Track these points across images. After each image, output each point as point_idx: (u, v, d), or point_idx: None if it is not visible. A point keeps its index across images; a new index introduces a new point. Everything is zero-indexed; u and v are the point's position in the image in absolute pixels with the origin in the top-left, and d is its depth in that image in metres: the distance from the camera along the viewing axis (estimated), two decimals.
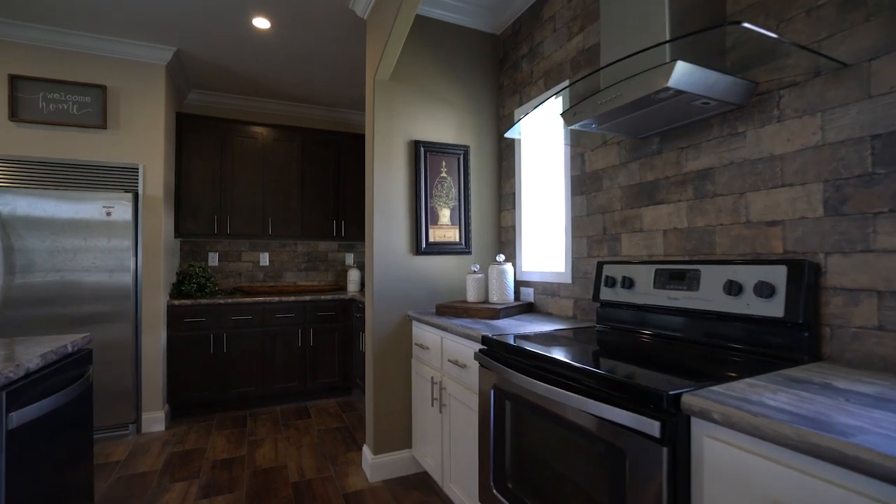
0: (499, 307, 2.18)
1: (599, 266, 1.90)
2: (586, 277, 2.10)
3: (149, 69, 3.24)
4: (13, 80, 2.97)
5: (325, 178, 4.16)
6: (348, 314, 3.94)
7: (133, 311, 3.12)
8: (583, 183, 2.13)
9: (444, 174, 2.63)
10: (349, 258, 4.59)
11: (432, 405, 2.17)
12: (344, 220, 4.22)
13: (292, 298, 3.72)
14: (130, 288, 3.08)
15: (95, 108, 3.12)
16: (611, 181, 1.96)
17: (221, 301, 3.52)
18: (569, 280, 2.20)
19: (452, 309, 2.29)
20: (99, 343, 3.00)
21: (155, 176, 3.24)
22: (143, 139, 3.22)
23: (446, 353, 2.07)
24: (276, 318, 3.68)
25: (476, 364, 1.78)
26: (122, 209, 3.06)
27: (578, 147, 2.15)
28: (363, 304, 3.53)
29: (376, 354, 2.47)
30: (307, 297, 3.77)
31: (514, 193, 2.67)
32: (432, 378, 2.16)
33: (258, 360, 3.63)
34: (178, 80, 3.63)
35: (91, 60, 3.11)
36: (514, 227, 2.67)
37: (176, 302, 3.40)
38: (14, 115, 2.97)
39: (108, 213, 3.04)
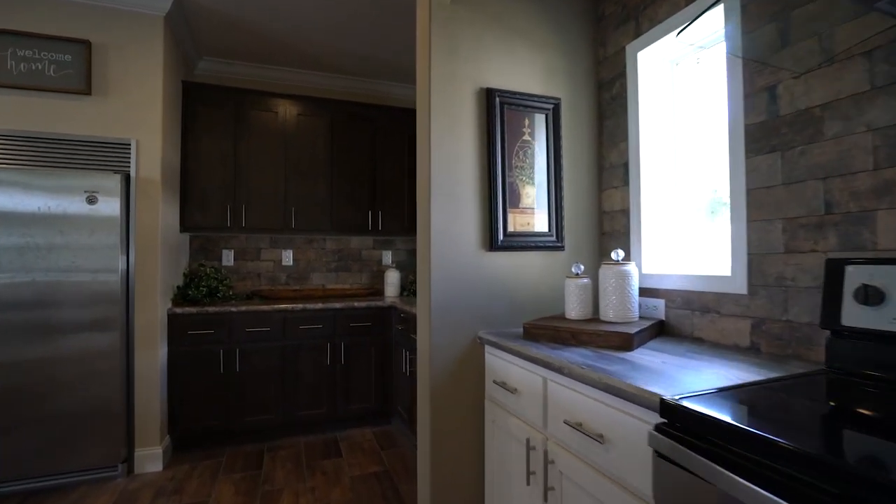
0: (629, 331, 1.40)
1: (835, 266, 1.10)
2: (783, 285, 1.29)
3: (144, 21, 2.61)
4: None
5: (358, 162, 3.47)
6: (387, 325, 3.22)
7: (123, 321, 2.49)
8: (773, 133, 1.32)
9: (526, 137, 1.86)
10: (387, 257, 3.88)
11: (527, 482, 1.40)
12: (381, 211, 3.51)
13: (319, 305, 3.03)
14: (119, 293, 2.45)
15: (77, 69, 2.50)
16: (846, 123, 1.15)
17: (233, 309, 2.86)
18: (742, 289, 1.40)
19: (552, 331, 1.52)
20: (81, 358, 2.38)
21: (151, 154, 2.61)
22: (137, 108, 2.59)
23: (556, 405, 1.30)
24: (299, 330, 3.00)
25: (644, 446, 1.00)
26: (108, 194, 2.44)
27: (767, 74, 1.34)
28: (405, 313, 2.81)
29: (434, 391, 1.73)
30: (337, 305, 3.08)
31: (625, 164, 1.88)
32: (528, 441, 1.40)
33: (278, 382, 2.96)
34: (183, 39, 3.00)
35: (71, 9, 2.49)
36: (625, 212, 1.88)
37: (178, 310, 2.76)
38: None
39: (92, 200, 2.42)
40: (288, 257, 3.59)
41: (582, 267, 1.67)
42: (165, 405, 2.72)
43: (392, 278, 3.60)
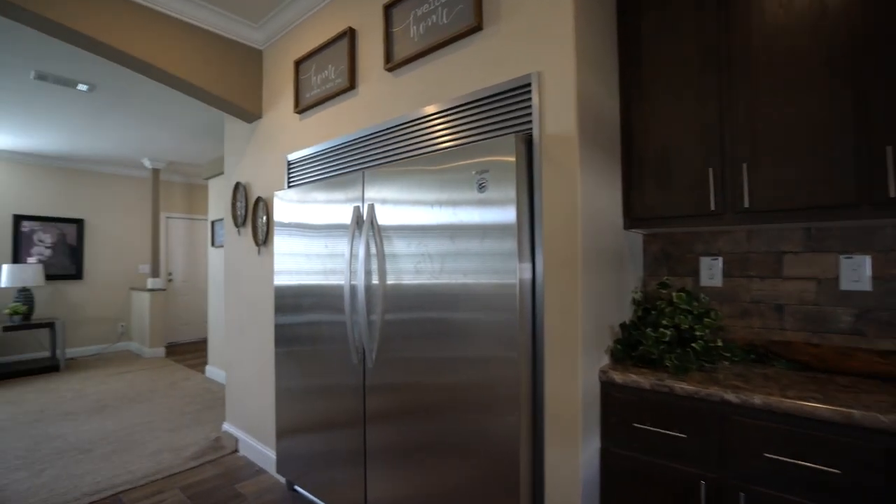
0: None
1: None
2: None
3: None
4: (388, 10, 2.01)
5: None
6: None
7: (527, 390, 1.44)
8: None
9: None
10: None
11: None
12: None
13: None
14: (515, 340, 1.42)
15: (467, 2, 1.71)
16: None
17: (731, 397, 1.26)
18: None
19: None
20: (450, 441, 1.50)
21: (561, 92, 1.46)
22: (538, 28, 1.52)
23: None
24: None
25: None
26: (501, 172, 1.47)
27: None
28: None
29: None
30: None
31: None
32: None
33: None
34: None
35: None
36: None
37: (618, 377, 1.46)
38: (389, 59, 2.00)
39: (482, 186, 1.52)
40: (856, 270, 1.60)
41: None
42: None
43: None
